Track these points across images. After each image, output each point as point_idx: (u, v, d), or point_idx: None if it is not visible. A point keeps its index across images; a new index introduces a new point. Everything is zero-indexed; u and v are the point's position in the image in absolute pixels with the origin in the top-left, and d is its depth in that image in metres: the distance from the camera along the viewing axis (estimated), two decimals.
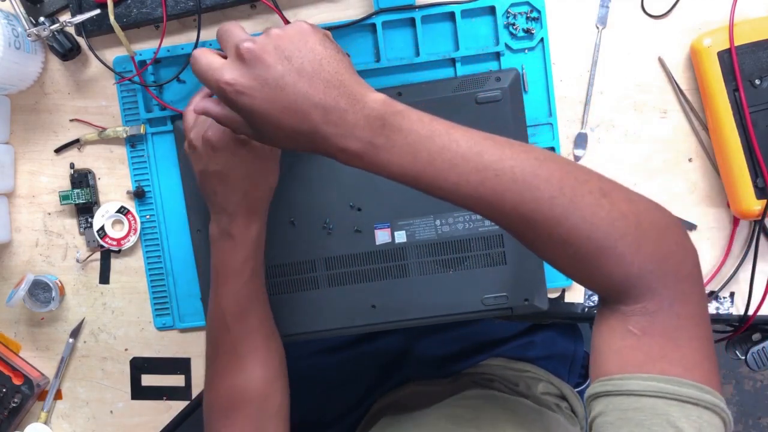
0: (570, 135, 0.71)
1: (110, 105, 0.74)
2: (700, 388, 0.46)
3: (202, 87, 0.63)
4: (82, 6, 0.70)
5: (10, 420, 0.77)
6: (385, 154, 0.47)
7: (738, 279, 0.71)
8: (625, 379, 0.47)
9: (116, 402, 0.79)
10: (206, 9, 0.70)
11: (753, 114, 0.65)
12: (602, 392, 0.48)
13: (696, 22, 0.69)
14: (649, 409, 0.46)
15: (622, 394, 0.47)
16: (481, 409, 0.75)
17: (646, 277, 0.48)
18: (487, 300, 0.68)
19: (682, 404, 0.46)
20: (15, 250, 0.77)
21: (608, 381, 0.48)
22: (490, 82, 0.66)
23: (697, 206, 0.71)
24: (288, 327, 0.70)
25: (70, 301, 0.77)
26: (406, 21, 0.70)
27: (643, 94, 0.70)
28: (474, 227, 0.68)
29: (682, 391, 0.46)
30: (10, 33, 0.67)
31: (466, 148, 0.48)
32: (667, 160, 0.71)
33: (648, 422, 0.45)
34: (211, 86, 0.49)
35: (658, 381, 0.46)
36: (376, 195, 0.68)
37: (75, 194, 0.74)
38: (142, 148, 0.74)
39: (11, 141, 0.76)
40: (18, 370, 0.77)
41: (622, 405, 0.47)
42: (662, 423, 0.45)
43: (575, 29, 0.70)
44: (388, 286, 0.69)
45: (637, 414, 0.46)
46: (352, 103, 0.47)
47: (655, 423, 0.45)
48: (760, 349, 0.74)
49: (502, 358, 0.87)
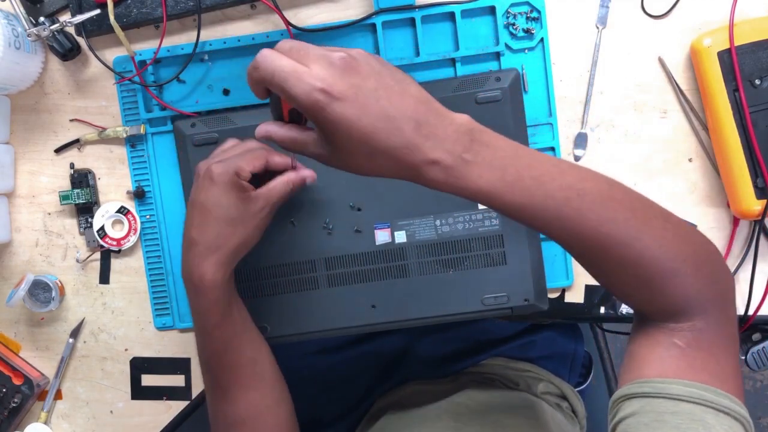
0: (570, 135, 0.71)
1: (110, 105, 0.74)
2: (733, 399, 0.49)
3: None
4: (82, 6, 0.70)
5: (10, 420, 0.77)
6: (475, 168, 0.47)
7: (738, 279, 0.71)
8: (666, 383, 0.49)
9: (116, 402, 0.79)
10: (206, 9, 0.70)
11: (753, 114, 0.65)
12: (639, 393, 0.49)
13: (696, 22, 0.69)
14: (687, 414, 0.47)
15: (661, 397, 0.48)
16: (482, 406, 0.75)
17: (701, 299, 0.51)
18: (487, 300, 0.68)
19: (717, 413, 0.48)
20: (15, 250, 0.77)
21: (646, 383, 0.50)
22: (490, 82, 0.66)
23: (697, 206, 0.71)
24: (288, 327, 0.70)
25: (70, 301, 0.77)
26: (406, 21, 0.70)
27: (643, 94, 0.70)
28: (474, 227, 0.68)
29: (719, 400, 0.48)
30: (10, 33, 0.67)
31: (551, 167, 0.48)
32: (667, 160, 0.71)
33: (684, 426, 0.47)
34: (295, 92, 0.45)
35: (697, 388, 0.48)
36: (376, 195, 0.68)
37: (75, 194, 0.74)
38: (142, 148, 0.74)
39: (11, 141, 0.76)
40: (18, 370, 0.77)
41: (660, 407, 0.48)
42: (698, 428, 0.46)
43: (575, 29, 0.70)
44: (388, 286, 0.69)
45: (674, 418, 0.47)
46: (441, 118, 0.47)
47: (691, 428, 0.46)
48: (760, 349, 0.74)
49: (503, 357, 0.88)
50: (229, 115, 0.69)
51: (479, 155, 0.47)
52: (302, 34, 0.70)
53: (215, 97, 0.73)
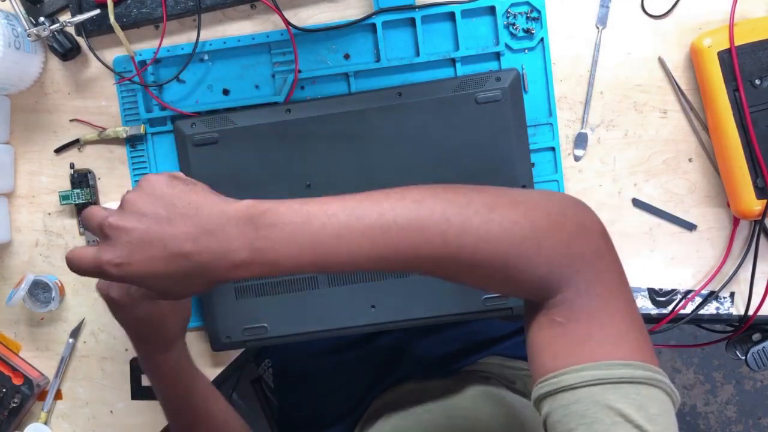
0: (570, 135, 0.71)
1: (110, 105, 0.74)
2: (631, 365, 0.46)
3: None
4: (82, 6, 0.70)
5: (10, 420, 0.77)
6: (271, 253, 0.47)
7: (738, 279, 0.71)
8: (559, 376, 0.47)
9: (116, 402, 0.79)
10: (206, 9, 0.70)
11: (753, 114, 0.65)
12: (543, 394, 0.48)
13: (696, 22, 0.69)
14: (587, 399, 0.45)
15: (561, 391, 0.47)
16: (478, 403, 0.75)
17: (555, 271, 0.48)
18: (488, 300, 0.68)
19: (616, 386, 0.45)
20: (15, 250, 0.77)
21: (545, 382, 0.48)
22: (490, 82, 0.66)
23: (697, 206, 0.71)
24: (287, 327, 0.70)
25: (70, 301, 0.77)
26: (406, 21, 0.70)
27: (643, 94, 0.70)
28: None
29: (614, 372, 0.45)
30: (10, 33, 0.67)
31: (345, 218, 0.47)
32: (667, 160, 0.71)
33: (589, 412, 0.45)
34: (99, 276, 0.49)
35: (589, 369, 0.46)
36: None
37: (75, 194, 0.74)
38: (142, 148, 0.74)
39: (11, 141, 0.76)
40: (18, 370, 0.77)
41: (563, 401, 0.46)
42: (602, 409, 0.45)
43: (575, 29, 0.70)
44: (388, 287, 0.69)
45: (578, 406, 0.46)
46: (216, 221, 0.47)
47: (596, 411, 0.45)
48: (760, 349, 0.74)
49: (500, 356, 0.88)
50: (229, 115, 0.69)
51: (268, 239, 0.47)
52: (302, 34, 0.70)
53: (215, 97, 0.73)
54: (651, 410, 0.44)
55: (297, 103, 0.69)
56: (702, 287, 0.71)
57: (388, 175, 0.67)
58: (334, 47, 0.71)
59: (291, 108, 0.68)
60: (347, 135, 0.67)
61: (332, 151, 0.67)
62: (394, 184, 0.59)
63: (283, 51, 0.71)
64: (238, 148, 0.68)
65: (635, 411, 0.44)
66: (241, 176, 0.68)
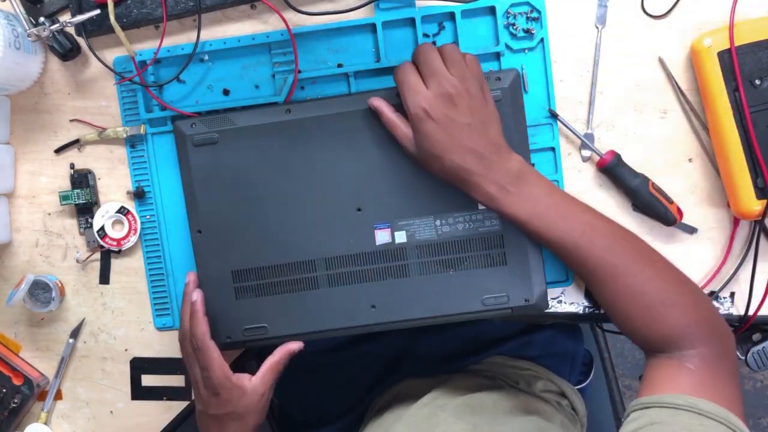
0: (569, 135, 0.71)
1: (110, 105, 0.74)
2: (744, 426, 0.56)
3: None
4: (82, 6, 0.70)
5: (10, 420, 0.77)
6: (514, 198, 0.62)
7: (738, 279, 0.71)
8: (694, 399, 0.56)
9: (116, 402, 0.79)
10: (206, 9, 0.70)
11: (753, 114, 0.65)
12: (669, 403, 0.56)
13: (696, 22, 0.69)
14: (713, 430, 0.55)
15: (691, 411, 0.55)
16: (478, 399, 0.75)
17: (701, 328, 0.60)
18: (488, 300, 0.68)
19: (718, 424, 0.55)
20: (15, 250, 0.77)
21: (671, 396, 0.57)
22: (490, 82, 0.66)
23: (697, 206, 0.71)
24: (288, 327, 0.70)
25: (70, 301, 0.77)
26: (406, 21, 0.70)
27: (643, 94, 0.70)
28: (474, 227, 0.68)
29: (738, 424, 0.55)
30: (10, 33, 0.67)
31: (575, 206, 0.63)
32: (667, 160, 0.71)
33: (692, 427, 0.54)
34: (407, 103, 0.61)
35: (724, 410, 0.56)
36: (376, 195, 0.68)
37: (75, 194, 0.74)
38: (142, 149, 0.74)
39: (11, 141, 0.76)
40: (18, 370, 0.77)
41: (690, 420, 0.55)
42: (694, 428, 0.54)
43: (575, 29, 0.70)
44: (389, 287, 0.69)
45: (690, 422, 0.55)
46: (501, 158, 0.61)
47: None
48: (760, 349, 0.74)
49: (502, 356, 0.88)
50: (229, 115, 0.69)
51: (520, 189, 0.62)
52: (302, 34, 0.70)
53: (215, 97, 0.73)
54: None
55: (297, 103, 0.69)
56: (702, 287, 0.71)
57: (388, 175, 0.67)
58: (334, 47, 0.71)
59: (291, 108, 0.68)
60: (347, 135, 0.67)
61: (332, 151, 0.67)
62: (395, 184, 0.66)
63: (283, 51, 0.71)
64: (238, 148, 0.68)
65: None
66: (241, 176, 0.68)
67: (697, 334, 0.60)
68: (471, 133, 0.60)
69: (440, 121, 0.60)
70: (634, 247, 0.62)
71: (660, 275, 0.61)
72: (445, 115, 0.60)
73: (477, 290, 0.68)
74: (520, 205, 0.61)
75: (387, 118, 0.64)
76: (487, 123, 0.61)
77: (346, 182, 0.68)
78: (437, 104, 0.60)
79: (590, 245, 0.61)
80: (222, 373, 0.65)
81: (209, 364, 0.65)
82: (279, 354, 0.68)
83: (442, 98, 0.60)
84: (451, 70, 0.61)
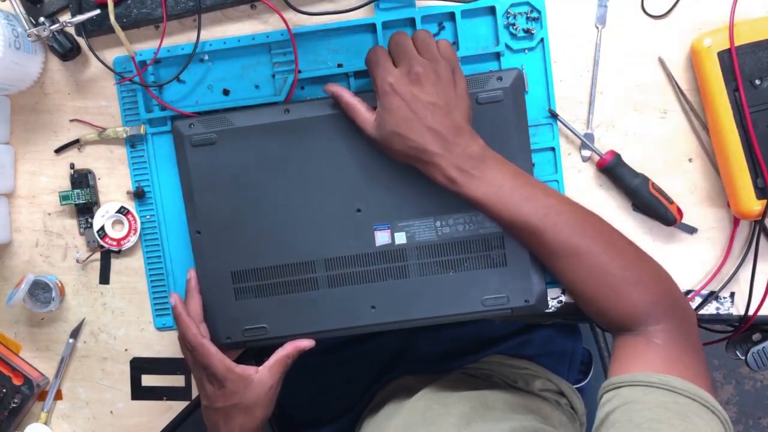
0: (569, 135, 0.71)
1: (110, 105, 0.74)
2: (714, 400, 0.56)
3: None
4: (82, 6, 0.70)
5: (10, 420, 0.77)
6: (475, 181, 0.61)
7: (738, 279, 0.71)
8: (665, 377, 0.57)
9: (116, 402, 0.79)
10: (206, 9, 0.70)
11: (753, 114, 0.65)
12: (643, 382, 0.57)
13: (696, 22, 0.69)
14: (685, 406, 0.55)
15: (664, 389, 0.56)
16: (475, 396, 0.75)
17: (664, 305, 0.62)
18: (488, 301, 0.68)
19: (709, 413, 0.55)
20: (15, 250, 0.77)
21: (642, 375, 0.57)
22: (491, 81, 0.66)
23: (697, 206, 0.71)
24: (287, 327, 0.70)
25: (70, 301, 0.77)
26: (406, 21, 0.70)
27: (643, 94, 0.70)
28: (474, 228, 0.68)
29: (709, 399, 0.55)
30: (10, 33, 0.67)
31: (538, 191, 0.62)
32: (667, 160, 0.71)
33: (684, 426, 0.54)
34: (375, 77, 0.62)
35: (693, 385, 0.56)
36: (376, 196, 0.68)
37: (75, 194, 0.74)
38: (142, 149, 0.74)
39: (11, 141, 0.76)
40: (18, 370, 0.77)
41: (663, 398, 0.55)
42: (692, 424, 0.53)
43: (575, 29, 0.70)
44: (388, 287, 0.69)
45: (677, 407, 0.55)
46: (465, 141, 0.61)
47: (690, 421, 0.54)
48: (760, 349, 0.74)
49: (501, 355, 0.88)
50: (228, 115, 0.69)
51: (483, 173, 0.61)
52: (302, 34, 0.70)
53: (215, 97, 0.73)
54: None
55: (296, 103, 0.69)
56: (702, 287, 0.71)
57: (388, 176, 0.67)
58: (334, 47, 0.71)
59: (289, 108, 0.68)
60: (347, 135, 0.67)
61: (331, 151, 0.67)
62: (395, 185, 0.66)
63: (283, 51, 0.71)
64: (236, 148, 0.68)
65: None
66: (239, 177, 0.68)
67: (661, 310, 0.61)
68: (435, 113, 0.60)
69: (405, 97, 0.60)
70: (596, 227, 0.63)
71: (622, 254, 0.62)
72: (410, 92, 0.60)
73: (477, 291, 0.68)
74: (483, 188, 0.61)
75: (346, 101, 0.64)
76: (452, 105, 0.61)
77: (345, 183, 0.68)
78: (404, 81, 0.60)
79: (554, 227, 0.61)
80: (223, 365, 0.65)
81: (208, 359, 0.65)
82: (289, 348, 0.68)
83: (408, 76, 0.60)
84: (422, 53, 0.61)
